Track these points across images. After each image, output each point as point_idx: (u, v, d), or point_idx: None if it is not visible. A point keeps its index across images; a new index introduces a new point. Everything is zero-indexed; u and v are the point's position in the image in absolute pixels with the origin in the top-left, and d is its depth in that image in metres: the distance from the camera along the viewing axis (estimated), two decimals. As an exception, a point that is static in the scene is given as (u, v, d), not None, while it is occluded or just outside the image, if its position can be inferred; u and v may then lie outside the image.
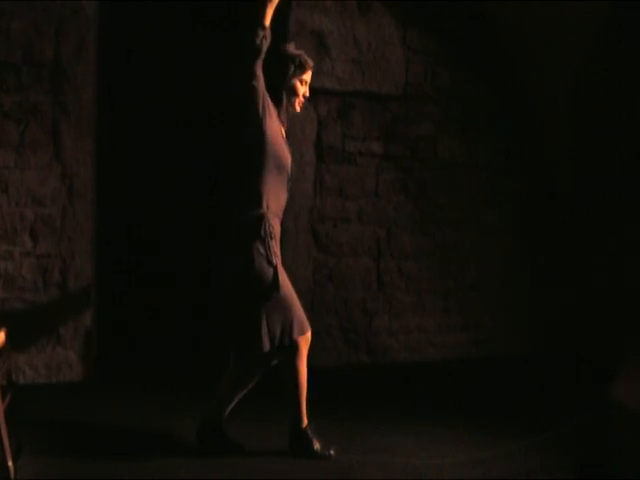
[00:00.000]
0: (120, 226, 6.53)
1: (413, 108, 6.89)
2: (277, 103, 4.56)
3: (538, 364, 6.84)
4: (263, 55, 4.31)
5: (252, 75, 4.35)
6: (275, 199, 4.50)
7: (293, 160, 4.69)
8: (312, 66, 4.63)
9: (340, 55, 6.58)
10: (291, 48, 4.61)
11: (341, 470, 4.55)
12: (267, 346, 4.43)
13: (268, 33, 4.29)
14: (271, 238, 4.43)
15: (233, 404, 4.75)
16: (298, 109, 4.67)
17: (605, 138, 6.96)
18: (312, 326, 4.64)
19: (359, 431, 5.07)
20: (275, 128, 4.49)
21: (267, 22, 4.28)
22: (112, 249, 6.47)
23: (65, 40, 5.90)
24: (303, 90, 4.63)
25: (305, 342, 4.56)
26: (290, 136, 6.34)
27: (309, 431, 4.66)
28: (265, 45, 4.30)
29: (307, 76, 4.61)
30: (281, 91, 4.56)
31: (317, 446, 4.66)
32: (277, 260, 4.46)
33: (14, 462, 4.16)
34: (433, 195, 7.03)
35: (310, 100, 6.44)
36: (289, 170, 4.58)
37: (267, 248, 4.41)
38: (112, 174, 6.39)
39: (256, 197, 4.44)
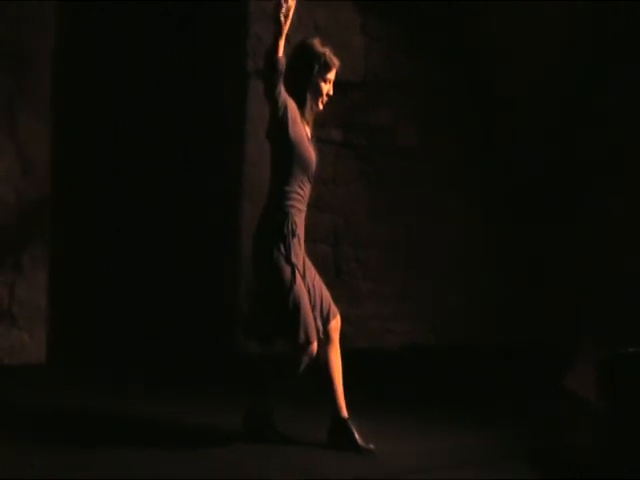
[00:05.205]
0: (80, 207, 6.46)
1: (373, 96, 6.89)
2: (301, 103, 4.57)
3: (497, 354, 6.84)
4: (280, 79, 4.32)
5: (274, 101, 4.38)
6: (299, 196, 4.60)
7: (260, 145, 4.74)
8: (337, 64, 4.62)
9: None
10: (317, 45, 4.59)
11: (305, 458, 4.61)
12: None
13: (282, 61, 4.28)
14: (293, 236, 4.52)
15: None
16: (321, 107, 4.68)
17: (570, 128, 7.01)
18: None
19: (319, 420, 5.05)
20: (299, 131, 4.52)
21: (280, 54, 4.27)
22: (72, 231, 6.39)
23: (24, 20, 5.85)
24: (327, 88, 4.63)
25: (309, 353, 4.57)
26: (252, 122, 6.36)
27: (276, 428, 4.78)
28: (280, 71, 4.29)
29: (332, 75, 4.62)
30: (305, 91, 4.57)
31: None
32: (297, 260, 4.55)
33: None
34: (392, 183, 7.04)
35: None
36: (313, 167, 4.64)
37: (287, 247, 4.50)
38: (73, 157, 6.33)
39: (281, 196, 4.55)
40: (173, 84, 6.61)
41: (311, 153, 4.61)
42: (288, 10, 4.21)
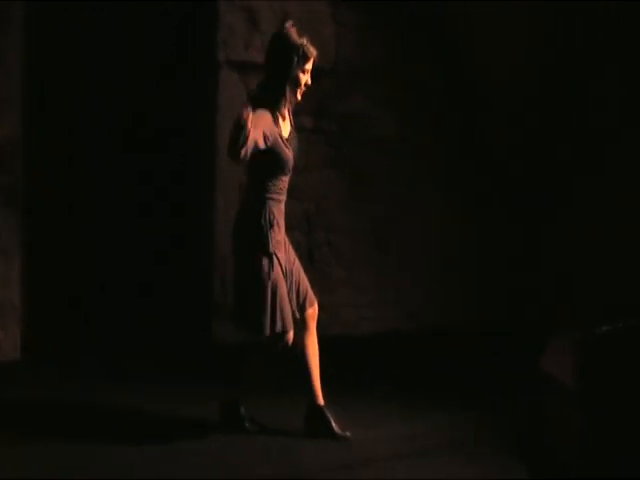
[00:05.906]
0: (53, 201, 6.40)
1: (344, 84, 6.89)
2: (280, 96, 4.56)
3: (475, 340, 6.82)
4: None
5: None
6: (277, 188, 4.62)
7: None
8: (315, 55, 4.60)
9: (271, 30, 6.47)
10: (293, 35, 4.56)
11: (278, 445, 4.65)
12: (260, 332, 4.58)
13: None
14: (271, 227, 4.56)
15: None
16: (300, 98, 4.67)
17: (548, 120, 7.04)
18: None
19: (294, 407, 5.07)
20: (272, 137, 4.48)
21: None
22: (45, 225, 6.34)
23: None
24: (305, 79, 4.61)
25: (285, 341, 4.65)
26: (223, 113, 6.34)
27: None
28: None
29: (309, 65, 4.60)
30: (285, 83, 4.56)
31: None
32: (275, 248, 4.58)
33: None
34: (364, 171, 7.05)
35: (240, 75, 6.44)
36: (291, 164, 4.62)
37: (265, 238, 4.55)
38: (45, 150, 6.27)
39: (258, 189, 4.59)
40: (145, 75, 6.57)
41: (287, 153, 4.59)
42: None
